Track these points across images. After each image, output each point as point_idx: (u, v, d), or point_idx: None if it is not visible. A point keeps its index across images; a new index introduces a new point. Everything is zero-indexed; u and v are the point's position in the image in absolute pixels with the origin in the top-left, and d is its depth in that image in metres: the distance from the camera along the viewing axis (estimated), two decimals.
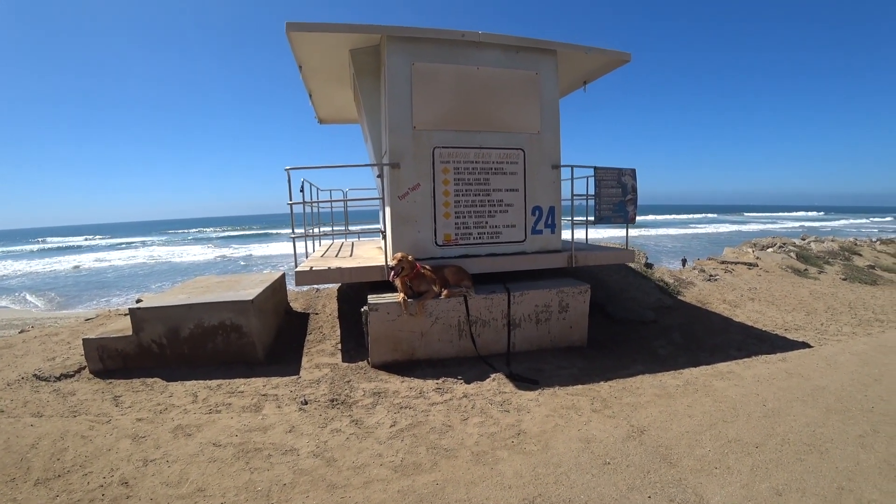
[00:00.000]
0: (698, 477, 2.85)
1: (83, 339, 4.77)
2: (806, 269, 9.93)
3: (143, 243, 47.80)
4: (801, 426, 3.47)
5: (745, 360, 5.04)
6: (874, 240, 14.16)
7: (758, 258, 10.27)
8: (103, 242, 51.30)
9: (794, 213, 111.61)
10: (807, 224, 62.99)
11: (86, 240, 57.79)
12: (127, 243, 48.30)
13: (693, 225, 58.74)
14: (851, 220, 75.67)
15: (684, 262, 10.60)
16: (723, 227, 53.48)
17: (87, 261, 31.34)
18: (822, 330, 6.54)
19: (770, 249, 11.38)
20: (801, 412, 3.70)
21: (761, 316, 7.12)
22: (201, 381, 4.45)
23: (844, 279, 9.59)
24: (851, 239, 13.90)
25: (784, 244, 11.94)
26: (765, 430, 3.43)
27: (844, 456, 3.08)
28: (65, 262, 30.83)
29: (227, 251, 34.86)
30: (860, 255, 11.66)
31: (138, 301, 6.55)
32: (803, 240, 13.79)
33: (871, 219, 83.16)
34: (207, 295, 5.17)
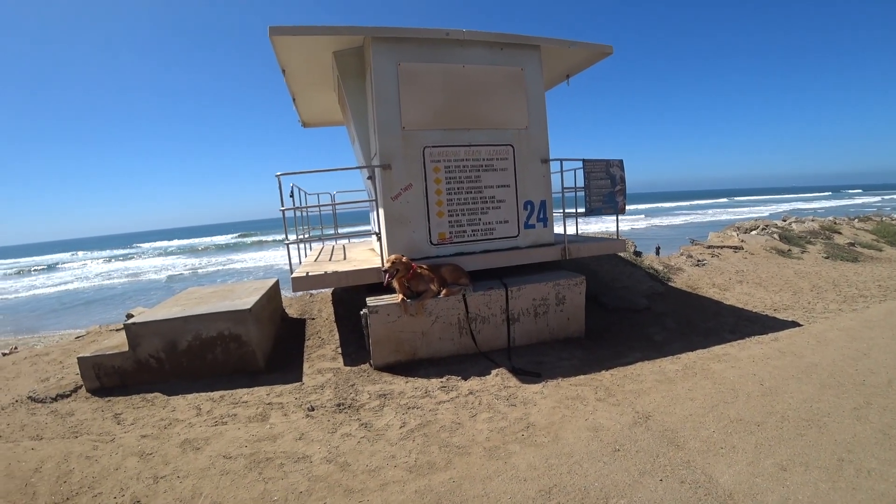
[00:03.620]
0: (705, 458, 2.93)
1: (78, 358, 4.68)
2: (789, 250, 10.16)
3: (125, 256, 46.84)
4: (799, 403, 3.58)
5: (739, 341, 5.17)
6: (852, 218, 14.52)
7: (742, 241, 10.47)
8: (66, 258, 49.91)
9: (802, 195, 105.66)
10: (823, 205, 59.78)
11: (72, 255, 56.36)
12: (108, 257, 47.26)
13: (683, 212, 58.53)
14: (865, 199, 71.68)
15: (658, 250, 10.74)
16: (719, 215, 51.04)
17: (67, 278, 30.64)
18: (810, 308, 6.70)
19: (754, 232, 11.61)
20: (797, 389, 3.81)
21: (750, 298, 7.28)
22: (203, 394, 4.41)
23: (826, 258, 9.83)
24: (831, 218, 14.23)
25: (767, 226, 12.19)
26: (764, 408, 3.52)
27: (842, 429, 3.19)
28: (43, 281, 30.12)
29: (202, 264, 33.71)
30: (840, 233, 11.96)
31: (129, 316, 6.46)
32: (784, 221, 14.09)
33: (883, 196, 78.24)
34: (202, 306, 5.11)
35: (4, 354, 7.23)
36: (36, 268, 41.51)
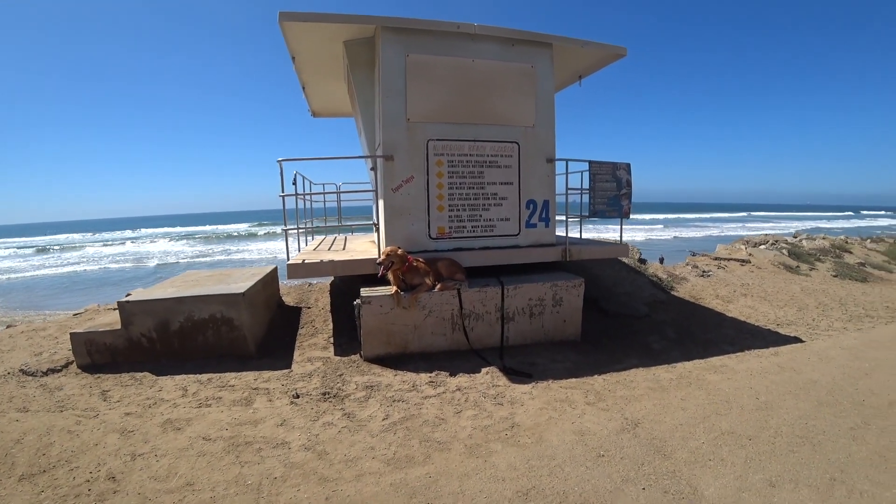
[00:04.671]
0: (692, 468, 2.85)
1: (71, 334, 4.69)
2: (798, 266, 9.99)
3: (134, 239, 47.23)
4: (794, 419, 3.48)
5: (738, 354, 5.06)
6: (864, 238, 14.27)
7: (750, 255, 10.32)
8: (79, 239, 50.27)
9: (824, 214, 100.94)
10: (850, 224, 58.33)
11: (82, 237, 56.87)
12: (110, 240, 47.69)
13: (697, 225, 56.92)
14: (890, 222, 67.86)
15: (661, 260, 10.59)
16: (737, 230, 46.83)
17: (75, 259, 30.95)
18: (814, 325, 6.58)
19: (763, 246, 11.44)
20: (794, 405, 3.71)
21: (754, 311, 7.15)
22: (191, 375, 4.39)
23: (835, 276, 9.66)
24: (842, 237, 14.00)
25: (776, 241, 12.01)
26: (758, 422, 3.43)
27: (836, 448, 3.09)
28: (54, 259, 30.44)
29: (207, 252, 33.51)
30: (851, 252, 11.76)
31: (128, 295, 6.48)
32: (795, 237, 13.89)
33: None
34: (197, 288, 5.10)
35: (8, 327, 7.30)
36: (51, 247, 41.91)
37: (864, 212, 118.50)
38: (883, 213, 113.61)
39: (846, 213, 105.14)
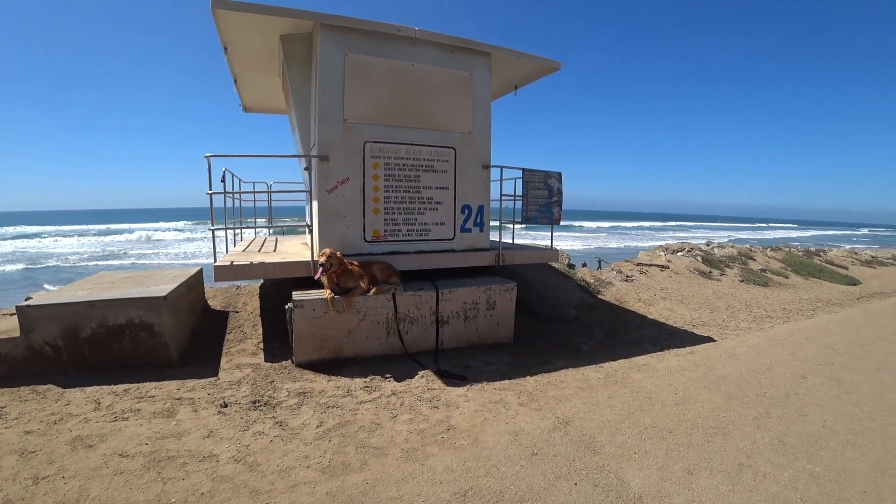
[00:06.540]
0: (619, 462, 3.01)
1: None
2: (710, 272, 10.81)
3: (36, 234, 42.86)
4: (708, 411, 3.78)
5: (659, 353, 5.42)
6: (766, 247, 15.71)
7: (669, 261, 11.04)
8: None
9: (742, 225, 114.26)
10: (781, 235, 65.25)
11: None
12: None
13: (630, 233, 60.69)
14: (798, 234, 77.58)
15: (584, 264, 11.10)
16: (666, 238, 49.68)
17: None
18: (724, 325, 7.15)
19: (680, 253, 12.29)
20: (707, 399, 4.03)
21: (672, 313, 7.66)
22: (105, 387, 4.05)
23: (742, 281, 10.55)
24: (748, 246, 15.33)
25: (692, 249, 12.93)
26: (677, 416, 3.69)
27: (743, 436, 3.40)
28: None
29: (120, 252, 31.54)
30: (754, 259, 12.88)
31: (28, 299, 5.88)
32: (708, 245, 15.03)
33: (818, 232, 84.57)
34: (113, 291, 4.72)
35: None
36: None
37: (773, 224, 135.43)
38: (789, 225, 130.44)
39: (759, 225, 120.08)
